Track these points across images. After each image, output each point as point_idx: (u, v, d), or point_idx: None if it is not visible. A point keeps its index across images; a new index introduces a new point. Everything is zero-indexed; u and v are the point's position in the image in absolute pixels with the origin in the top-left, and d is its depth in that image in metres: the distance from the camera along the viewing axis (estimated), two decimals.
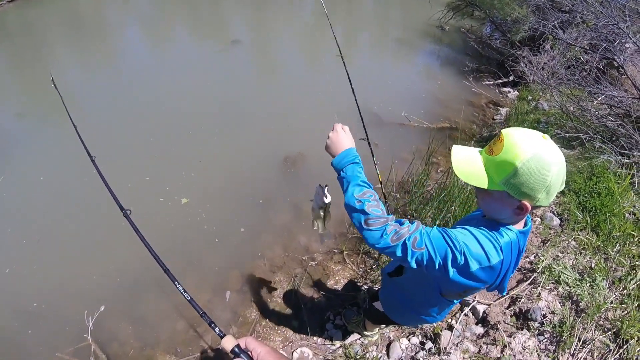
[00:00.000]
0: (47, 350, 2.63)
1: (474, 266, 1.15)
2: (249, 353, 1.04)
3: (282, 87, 5.54)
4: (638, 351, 2.12)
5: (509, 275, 1.30)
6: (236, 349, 1.04)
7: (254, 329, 2.79)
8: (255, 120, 4.91)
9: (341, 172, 1.35)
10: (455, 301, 1.71)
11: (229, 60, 6.54)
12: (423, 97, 6.15)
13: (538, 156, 1.07)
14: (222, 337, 1.07)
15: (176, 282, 1.37)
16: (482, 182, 1.17)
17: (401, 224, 1.20)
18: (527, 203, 1.13)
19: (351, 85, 2.27)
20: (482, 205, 1.29)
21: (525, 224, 1.28)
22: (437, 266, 1.15)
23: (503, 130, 1.15)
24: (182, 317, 2.83)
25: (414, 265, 1.15)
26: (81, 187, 3.63)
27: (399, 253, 1.15)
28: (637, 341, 2.16)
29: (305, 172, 4.20)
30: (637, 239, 2.95)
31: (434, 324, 2.61)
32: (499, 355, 2.31)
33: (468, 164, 1.22)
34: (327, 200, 1.64)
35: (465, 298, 2.73)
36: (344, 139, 1.41)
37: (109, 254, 3.17)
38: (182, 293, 1.33)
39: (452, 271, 1.16)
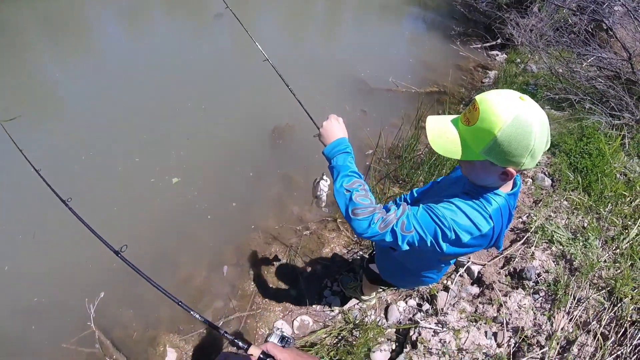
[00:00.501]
0: (52, 342, 2.59)
1: (465, 238, 1.15)
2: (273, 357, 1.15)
3: (267, 58, 5.40)
4: (632, 309, 2.17)
5: (503, 234, 1.30)
6: (262, 355, 1.13)
7: (253, 301, 2.79)
8: (241, 94, 4.78)
9: (332, 161, 1.36)
10: (451, 262, 1.72)
11: (213, 35, 6.31)
12: (410, 62, 6.06)
13: (517, 121, 1.00)
14: (247, 349, 1.16)
15: (192, 311, 1.40)
16: (457, 153, 1.13)
17: (387, 210, 1.18)
18: (511, 169, 1.09)
19: (288, 86, 2.21)
20: (466, 173, 1.25)
21: (515, 185, 1.25)
22: (429, 244, 1.15)
23: (477, 97, 1.08)
24: (180, 295, 2.80)
25: (405, 247, 1.15)
26: (72, 177, 3.53)
27: (388, 239, 1.15)
28: (630, 299, 2.21)
29: (294, 142, 4.13)
30: (628, 199, 3.00)
31: (430, 286, 2.65)
32: (495, 315, 2.36)
33: (443, 137, 1.16)
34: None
35: (459, 259, 2.78)
36: (336, 128, 1.43)
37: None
38: (203, 321, 1.39)
39: (445, 246, 1.15)
